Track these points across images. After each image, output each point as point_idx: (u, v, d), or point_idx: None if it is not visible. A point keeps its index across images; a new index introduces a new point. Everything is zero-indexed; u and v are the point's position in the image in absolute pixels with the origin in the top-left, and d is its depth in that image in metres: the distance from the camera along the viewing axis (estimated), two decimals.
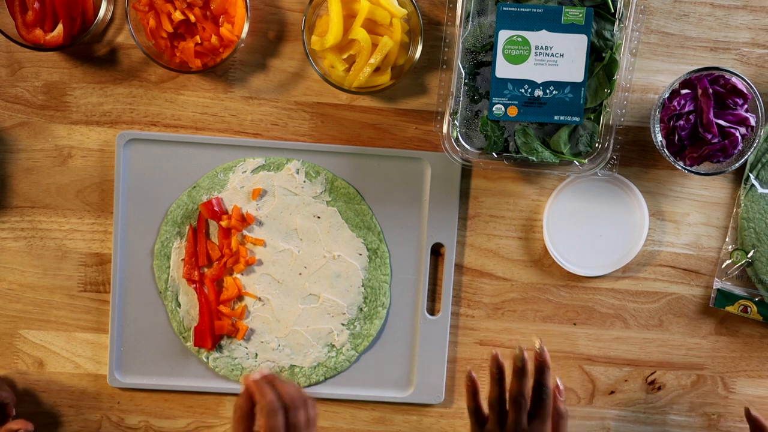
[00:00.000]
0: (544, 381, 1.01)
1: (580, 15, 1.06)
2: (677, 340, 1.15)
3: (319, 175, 1.12)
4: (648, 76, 1.12)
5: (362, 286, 1.13)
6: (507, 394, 1.02)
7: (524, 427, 1.01)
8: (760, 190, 1.11)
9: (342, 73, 1.08)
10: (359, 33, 1.06)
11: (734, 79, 1.05)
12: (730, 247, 1.13)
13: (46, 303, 1.14)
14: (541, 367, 1.02)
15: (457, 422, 1.16)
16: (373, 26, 1.07)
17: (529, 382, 1.02)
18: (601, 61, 1.07)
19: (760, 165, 1.11)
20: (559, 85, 1.07)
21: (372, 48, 1.07)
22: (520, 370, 1.01)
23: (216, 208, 1.12)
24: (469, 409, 1.05)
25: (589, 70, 1.07)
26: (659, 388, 1.16)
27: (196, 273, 1.12)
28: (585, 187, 1.12)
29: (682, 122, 1.06)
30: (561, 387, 1.05)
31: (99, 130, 1.13)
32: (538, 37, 1.06)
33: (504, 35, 1.06)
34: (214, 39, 1.07)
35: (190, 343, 1.13)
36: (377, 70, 1.08)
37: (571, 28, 1.06)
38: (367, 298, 1.13)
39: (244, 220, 1.12)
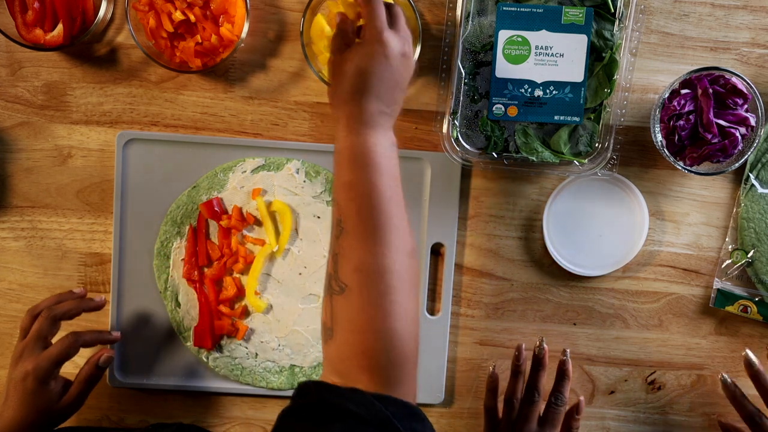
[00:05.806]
0: (561, 389, 1.06)
1: (580, 15, 1.06)
2: (677, 340, 1.15)
3: (319, 175, 1.12)
4: (648, 76, 1.12)
5: None
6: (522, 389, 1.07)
7: (534, 429, 1.04)
8: (760, 190, 1.11)
9: None
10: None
11: (734, 79, 1.05)
12: (730, 247, 1.13)
13: None
14: (561, 376, 1.07)
15: (457, 422, 1.15)
16: None
17: (544, 378, 1.06)
18: (601, 61, 1.07)
19: (760, 165, 1.11)
20: (559, 85, 1.07)
21: None
22: (537, 362, 1.06)
23: (216, 208, 1.11)
24: (486, 407, 1.10)
25: (589, 70, 1.07)
26: (659, 388, 1.16)
27: (196, 273, 1.12)
28: (585, 187, 1.12)
29: (682, 122, 1.06)
30: (582, 407, 1.09)
31: (99, 130, 1.13)
32: (538, 37, 1.06)
33: (504, 35, 1.06)
34: (214, 39, 1.07)
35: (190, 343, 1.13)
36: None
37: (571, 28, 1.06)
38: None
39: (244, 220, 1.12)
